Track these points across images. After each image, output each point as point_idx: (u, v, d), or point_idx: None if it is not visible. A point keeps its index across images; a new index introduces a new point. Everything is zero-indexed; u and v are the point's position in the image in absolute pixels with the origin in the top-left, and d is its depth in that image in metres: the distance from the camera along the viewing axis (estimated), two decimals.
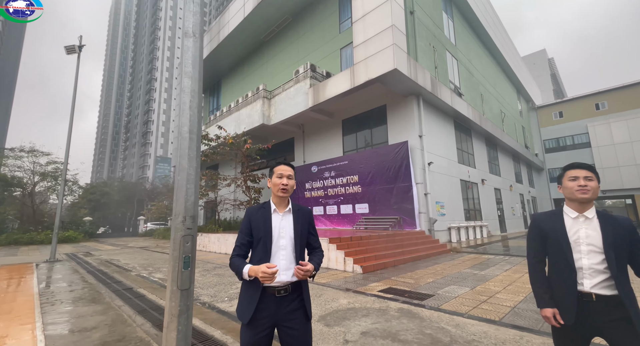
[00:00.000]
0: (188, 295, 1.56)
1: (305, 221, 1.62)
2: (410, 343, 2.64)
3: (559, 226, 1.44)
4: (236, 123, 15.80)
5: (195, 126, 1.70)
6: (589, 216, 1.41)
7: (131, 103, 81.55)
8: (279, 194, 1.57)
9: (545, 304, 1.43)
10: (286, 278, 1.47)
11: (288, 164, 1.64)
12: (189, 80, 1.74)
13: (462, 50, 15.92)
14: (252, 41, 18.62)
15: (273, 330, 1.46)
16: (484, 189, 15.42)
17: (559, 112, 28.75)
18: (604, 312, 1.31)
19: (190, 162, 1.65)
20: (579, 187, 1.40)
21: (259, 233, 1.51)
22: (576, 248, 1.39)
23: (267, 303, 1.43)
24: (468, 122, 14.14)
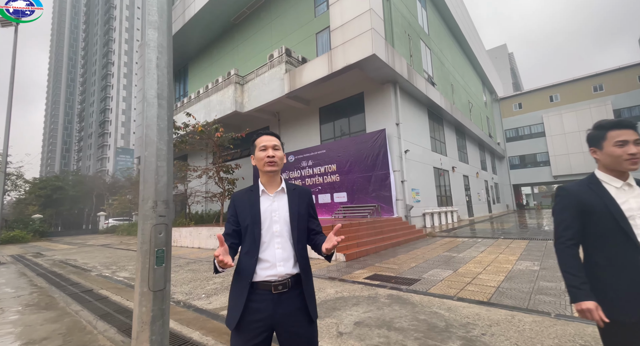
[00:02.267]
0: (163, 297, 1.26)
1: (303, 202, 1.37)
2: (406, 330, 2.53)
3: (605, 198, 1.19)
4: (206, 110, 14.88)
5: (165, 90, 1.36)
6: (632, 183, 1.21)
7: (85, 90, 74.33)
8: (266, 169, 1.31)
9: (584, 296, 1.15)
10: (285, 271, 1.23)
11: (272, 134, 1.39)
12: (154, 31, 1.38)
13: (434, 40, 16.15)
14: (221, 23, 17.46)
15: (271, 334, 1.22)
16: (454, 176, 16.06)
17: (519, 103, 30.67)
18: None
19: (160, 134, 1.32)
20: (630, 156, 1.15)
21: (245, 220, 1.27)
22: (632, 222, 1.15)
23: (261, 302, 1.19)
24: (440, 111, 14.49)
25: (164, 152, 1.33)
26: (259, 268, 1.22)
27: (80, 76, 79.21)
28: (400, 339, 2.38)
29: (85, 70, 75.21)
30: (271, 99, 12.16)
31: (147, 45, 1.37)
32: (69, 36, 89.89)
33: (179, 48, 19.94)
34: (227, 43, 18.01)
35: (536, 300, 3.14)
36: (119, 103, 60.33)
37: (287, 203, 1.33)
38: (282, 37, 14.61)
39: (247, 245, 1.25)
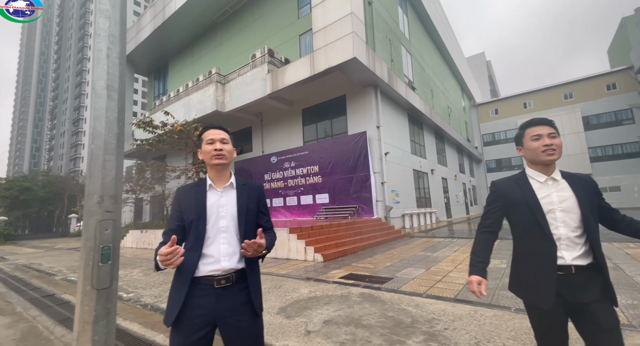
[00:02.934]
0: (108, 295, 1.22)
1: (253, 197, 1.36)
2: (373, 327, 2.57)
3: (528, 192, 1.27)
4: (186, 109, 14.53)
5: (115, 81, 1.32)
6: (556, 178, 1.26)
7: (57, 86, 70.73)
8: (213, 162, 1.29)
9: (475, 272, 1.29)
10: (229, 265, 1.21)
11: (220, 127, 1.38)
12: (105, 21, 1.34)
13: (415, 46, 16.58)
14: (203, 21, 17.15)
15: (213, 330, 1.19)
16: (433, 178, 16.48)
17: (495, 109, 31.99)
18: (583, 284, 1.18)
19: (109, 127, 1.28)
20: (545, 147, 1.23)
21: (189, 215, 1.23)
22: (551, 216, 1.23)
23: (202, 297, 1.16)
24: (420, 115, 14.86)
25: (113, 145, 1.29)
26: (201, 263, 1.19)
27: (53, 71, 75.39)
28: (367, 336, 2.41)
29: (58, 66, 71.62)
30: (253, 99, 12.04)
31: (97, 35, 1.33)
32: (42, 29, 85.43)
33: (159, 45, 19.43)
34: (209, 42, 17.71)
35: (499, 296, 3.27)
36: None
37: (236, 198, 1.31)
38: (265, 38, 14.54)
39: (190, 241, 1.22)
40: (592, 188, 1.26)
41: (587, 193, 1.24)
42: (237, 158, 15.39)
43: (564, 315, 1.21)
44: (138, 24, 19.57)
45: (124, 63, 1.40)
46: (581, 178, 1.28)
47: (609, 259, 4.88)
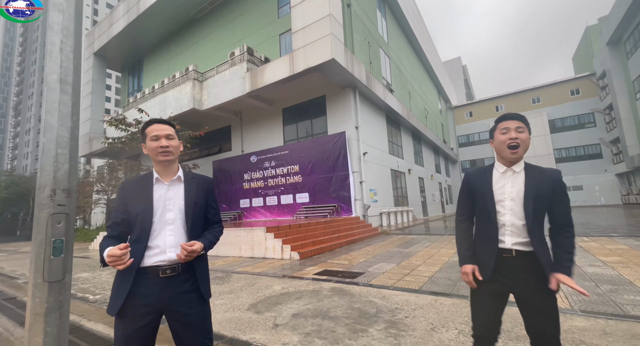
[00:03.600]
0: (61, 288, 1.23)
1: (201, 191, 1.38)
2: (339, 318, 2.67)
3: (486, 181, 1.37)
4: (161, 106, 14.09)
5: (70, 75, 1.33)
6: (516, 170, 1.34)
7: (22, 80, 66.28)
8: (159, 159, 1.29)
9: (466, 261, 1.39)
10: (174, 256, 1.24)
11: (164, 121, 1.36)
12: (59, 14, 1.34)
13: (393, 49, 17.00)
14: (180, 17, 16.70)
15: (158, 318, 1.21)
16: (410, 178, 16.96)
17: (470, 112, 33.33)
18: (522, 268, 1.28)
19: (62, 120, 1.29)
20: (510, 140, 1.29)
21: (135, 208, 1.24)
22: (500, 203, 1.33)
23: (148, 286, 1.18)
24: (398, 116, 15.25)
25: (66, 139, 1.29)
26: (147, 254, 1.21)
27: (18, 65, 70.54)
28: (332, 326, 2.51)
29: (23, 59, 67.10)
30: (232, 98, 11.89)
31: (51, 28, 1.33)
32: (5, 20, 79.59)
33: (133, 40, 18.72)
34: (187, 38, 17.28)
35: (460, 286, 3.47)
36: None
37: (184, 192, 1.33)
38: (245, 36, 14.40)
39: (136, 233, 1.23)
40: (549, 182, 1.29)
41: (539, 187, 1.28)
42: (215, 157, 15.14)
43: (501, 289, 1.32)
44: (110, 17, 18.75)
45: (79, 57, 1.40)
46: (545, 173, 1.32)
47: None
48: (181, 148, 1.39)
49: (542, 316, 1.24)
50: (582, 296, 2.89)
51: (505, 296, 1.34)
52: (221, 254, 7.23)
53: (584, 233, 7.32)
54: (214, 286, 4.21)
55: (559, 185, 1.29)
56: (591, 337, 2.05)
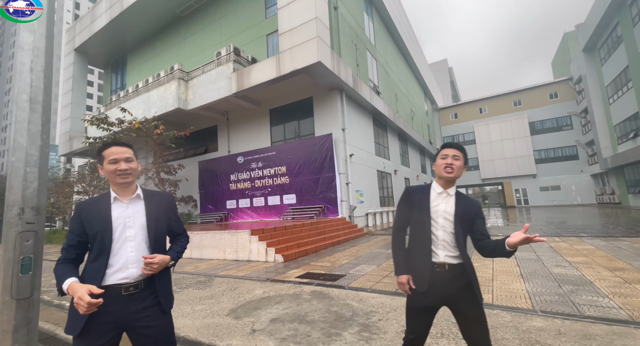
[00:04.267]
0: (29, 305, 1.25)
1: (162, 206, 1.41)
2: (316, 322, 2.75)
3: (425, 198, 1.53)
4: (145, 106, 13.80)
5: (40, 94, 1.35)
6: (450, 193, 1.52)
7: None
8: (118, 181, 1.31)
9: (402, 271, 1.51)
10: (138, 272, 1.27)
11: (123, 144, 1.36)
12: (29, 34, 1.36)
13: (380, 52, 17.22)
14: (165, 14, 16.38)
15: (119, 335, 1.25)
16: (396, 178, 17.26)
17: (455, 113, 34.11)
18: (454, 280, 1.42)
19: (31, 139, 1.31)
20: (446, 165, 1.49)
21: (93, 228, 1.25)
22: (435, 220, 1.48)
23: (110, 305, 1.19)
24: (384, 118, 15.48)
25: (36, 157, 1.31)
26: (108, 272, 1.23)
27: None
28: (308, 330, 2.59)
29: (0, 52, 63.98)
30: (218, 98, 11.78)
31: (21, 48, 1.35)
32: None
33: (116, 37, 18.23)
34: (173, 36, 16.97)
35: None
36: None
37: (144, 209, 1.36)
38: (232, 36, 14.27)
39: (95, 252, 1.25)
40: (473, 208, 1.50)
41: (465, 210, 1.48)
42: (201, 157, 14.96)
43: (435, 302, 1.47)
44: (92, 13, 18.18)
45: (50, 75, 1.42)
46: (469, 199, 1.54)
47: (533, 251, 5.55)
48: (139, 167, 1.42)
49: (475, 323, 1.40)
50: (544, 297, 3.08)
51: (437, 308, 1.51)
52: (205, 257, 7.19)
53: (556, 234, 7.69)
54: (196, 291, 4.22)
55: (480, 212, 1.52)
56: (546, 337, 2.21)
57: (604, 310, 2.66)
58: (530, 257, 5.08)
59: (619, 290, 3.15)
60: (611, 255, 4.88)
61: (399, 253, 1.58)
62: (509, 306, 2.89)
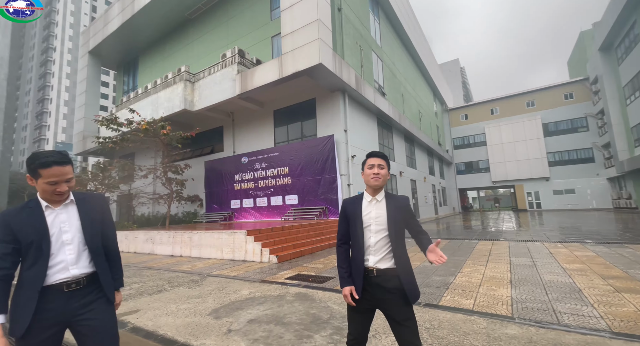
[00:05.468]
0: None
1: (95, 208, 1.46)
2: (291, 324, 2.78)
3: (357, 209, 1.59)
4: (153, 107, 14.17)
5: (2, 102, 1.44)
6: (379, 199, 1.59)
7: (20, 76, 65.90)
8: (55, 199, 1.33)
9: (345, 283, 1.56)
10: (79, 272, 1.34)
11: (62, 162, 1.29)
12: None
13: (386, 52, 17.11)
14: (175, 17, 16.78)
15: (61, 331, 1.30)
16: (402, 180, 17.10)
17: (465, 114, 33.49)
18: (383, 284, 1.47)
19: None
20: (374, 175, 1.56)
21: (28, 237, 1.25)
22: (367, 228, 1.54)
23: (51, 302, 1.24)
24: (389, 119, 15.37)
25: None
26: (49, 274, 1.27)
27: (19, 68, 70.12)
28: (281, 332, 2.62)
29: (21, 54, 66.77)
30: (223, 99, 11.98)
31: None
32: None
33: (128, 40, 18.79)
34: (181, 38, 17.36)
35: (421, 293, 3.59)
36: (60, 93, 54.35)
37: (77, 213, 1.39)
38: (238, 38, 14.48)
39: (32, 258, 1.26)
40: (402, 208, 1.58)
41: (396, 212, 1.55)
42: (207, 157, 15.23)
43: (369, 306, 1.53)
44: (106, 16, 18.80)
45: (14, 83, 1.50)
46: (398, 199, 1.61)
47: (530, 257, 5.41)
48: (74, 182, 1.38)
49: (401, 326, 1.43)
50: (526, 304, 3.01)
51: (372, 311, 1.56)
52: (204, 256, 7.33)
53: (560, 239, 7.47)
54: (186, 290, 4.31)
55: (409, 209, 1.59)
56: (516, 345, 2.17)
57: (584, 319, 2.58)
58: (526, 263, 4.96)
59: (606, 299, 3.05)
60: (609, 262, 4.71)
61: (342, 266, 1.61)
62: (488, 312, 2.85)
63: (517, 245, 6.99)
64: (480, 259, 5.50)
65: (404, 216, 1.56)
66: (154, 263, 6.94)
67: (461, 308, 3.00)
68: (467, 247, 6.99)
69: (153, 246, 8.73)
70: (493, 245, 7.06)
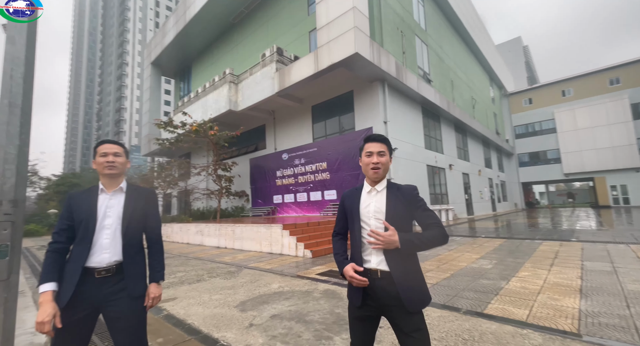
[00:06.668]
0: (6, 286, 1.44)
1: (141, 200, 1.54)
2: (313, 323, 2.64)
3: (355, 201, 1.40)
4: (203, 109, 15.24)
5: (19, 98, 1.53)
6: (378, 189, 1.38)
7: (102, 90, 77.10)
8: (105, 172, 1.47)
9: (344, 265, 1.35)
10: (110, 258, 1.40)
11: (113, 142, 1.53)
12: (11, 45, 1.54)
13: (432, 36, 15.85)
14: (220, 23, 17.78)
15: (93, 313, 1.38)
16: (452, 174, 15.80)
17: (529, 98, 29.62)
18: (388, 288, 1.24)
19: (10, 139, 1.49)
20: (373, 165, 1.35)
21: (80, 215, 1.41)
22: (366, 222, 1.34)
23: (84, 284, 1.35)
24: (436, 108, 14.26)
25: (13, 156, 1.49)
26: (90, 253, 1.38)
27: (98, 76, 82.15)
28: (301, 331, 2.50)
29: (102, 71, 77.91)
30: (263, 98, 12.33)
31: (5, 59, 1.54)
32: (88, 38, 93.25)
33: (182, 48, 20.46)
34: (227, 43, 18.33)
35: (460, 297, 3.16)
36: (132, 102, 62.27)
37: (124, 201, 1.50)
38: (277, 36, 14.75)
39: (80, 236, 1.40)
40: (406, 197, 1.33)
41: (397, 203, 1.31)
42: (251, 155, 15.90)
43: (372, 313, 1.30)
44: (163, 29, 20.75)
45: (31, 82, 1.60)
46: (402, 189, 1.37)
47: (610, 262, 4.46)
48: (128, 165, 1.56)
49: (409, 338, 1.20)
50: (598, 319, 2.42)
51: (377, 319, 1.34)
52: (245, 248, 7.63)
53: None
54: (222, 281, 4.47)
55: (415, 200, 1.34)
56: None
57: None
58: (603, 269, 4.10)
59: None
60: None
61: (338, 253, 1.43)
62: (546, 326, 2.35)
63: (594, 247, 5.87)
64: (543, 262, 4.72)
65: (409, 208, 1.33)
66: (201, 253, 7.43)
67: (511, 319, 2.54)
68: (527, 248, 6.10)
69: (202, 238, 9.39)
70: (561, 247, 6.04)
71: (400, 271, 1.25)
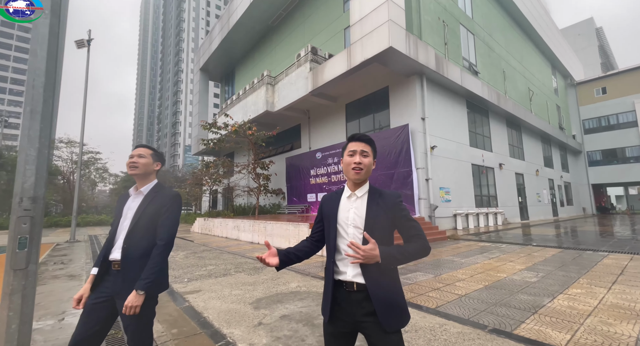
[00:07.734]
0: (24, 275, 1.61)
1: (157, 204, 1.60)
2: (319, 327, 2.57)
3: (333, 207, 1.28)
4: (243, 111, 15.98)
5: (39, 105, 1.71)
6: (359, 195, 1.25)
7: (162, 95, 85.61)
8: (128, 171, 1.64)
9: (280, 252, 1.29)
10: (119, 256, 1.53)
11: (143, 146, 1.68)
12: (33, 57, 1.72)
13: (479, 23, 14.56)
14: (260, 27, 18.46)
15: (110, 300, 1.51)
16: (502, 174, 14.38)
17: (602, 87, 25.62)
18: (361, 302, 1.14)
19: (30, 142, 1.66)
20: (355, 165, 1.23)
21: (115, 215, 1.65)
22: (344, 230, 1.22)
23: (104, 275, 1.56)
24: (484, 102, 13.08)
25: (33, 157, 1.67)
26: (112, 251, 1.56)
27: (159, 83, 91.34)
28: (306, 334, 2.45)
29: (162, 78, 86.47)
30: (297, 97, 12.51)
31: (28, 70, 1.73)
32: (151, 49, 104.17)
33: (226, 53, 21.68)
34: (266, 45, 18.96)
35: (490, 312, 2.82)
36: (186, 106, 68.03)
37: (139, 204, 1.60)
38: (314, 35, 14.83)
39: (111, 233, 1.61)
40: (388, 205, 1.21)
41: (378, 212, 1.20)
42: (287, 154, 16.25)
43: (346, 330, 1.19)
44: (210, 36, 22.23)
45: (51, 90, 1.78)
46: (384, 195, 1.25)
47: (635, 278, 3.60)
48: (154, 166, 1.68)
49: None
50: None
51: (353, 336, 1.22)
52: (275, 245, 7.81)
53: None
54: (246, 276, 4.61)
55: (398, 208, 1.21)
56: None
57: None
58: None
59: None
60: None
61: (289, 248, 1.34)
62: None
63: None
64: (603, 278, 4.01)
65: (391, 217, 1.20)
66: (235, 248, 7.79)
67: (546, 343, 2.18)
68: (586, 260, 5.26)
69: (239, 233, 9.86)
70: (631, 261, 5.10)
71: (378, 286, 1.14)
